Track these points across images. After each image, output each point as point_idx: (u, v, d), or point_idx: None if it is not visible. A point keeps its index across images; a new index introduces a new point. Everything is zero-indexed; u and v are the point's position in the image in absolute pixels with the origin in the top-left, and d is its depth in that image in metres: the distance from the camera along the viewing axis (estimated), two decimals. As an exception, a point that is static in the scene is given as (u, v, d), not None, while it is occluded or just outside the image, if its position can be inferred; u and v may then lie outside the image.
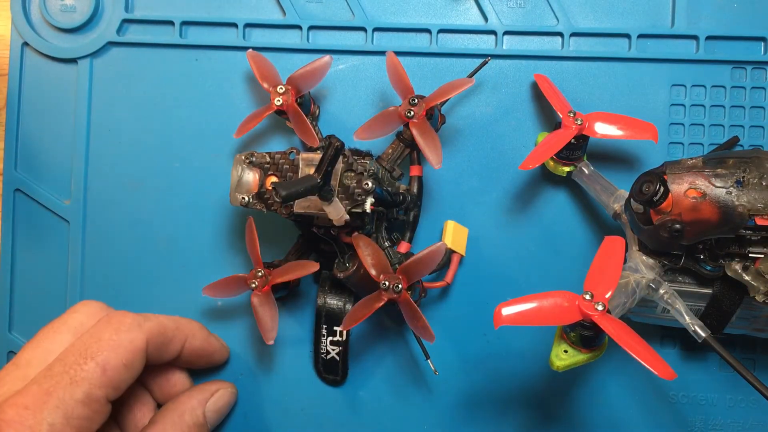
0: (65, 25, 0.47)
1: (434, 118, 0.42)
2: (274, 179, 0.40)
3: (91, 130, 0.47)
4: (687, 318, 0.37)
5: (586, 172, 0.43)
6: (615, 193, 0.42)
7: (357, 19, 0.46)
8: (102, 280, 0.47)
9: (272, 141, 0.47)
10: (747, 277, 0.36)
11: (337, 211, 0.36)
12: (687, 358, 0.45)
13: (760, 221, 0.34)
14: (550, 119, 0.46)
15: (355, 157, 0.39)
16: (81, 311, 0.39)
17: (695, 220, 0.35)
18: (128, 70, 0.47)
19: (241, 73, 0.47)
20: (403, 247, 0.43)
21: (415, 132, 0.40)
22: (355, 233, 0.39)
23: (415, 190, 0.44)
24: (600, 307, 0.34)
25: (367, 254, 0.38)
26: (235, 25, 0.47)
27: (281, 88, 0.42)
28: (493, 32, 0.46)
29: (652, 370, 0.33)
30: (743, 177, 0.35)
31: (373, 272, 0.37)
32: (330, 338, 0.44)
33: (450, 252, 0.43)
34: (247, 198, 0.40)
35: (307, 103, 0.44)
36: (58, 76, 0.47)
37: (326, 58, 0.42)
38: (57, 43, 0.47)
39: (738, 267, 0.36)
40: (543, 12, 0.46)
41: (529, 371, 0.45)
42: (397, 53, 0.43)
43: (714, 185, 0.35)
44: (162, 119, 0.47)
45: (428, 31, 0.46)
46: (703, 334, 0.36)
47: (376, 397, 0.45)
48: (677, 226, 0.35)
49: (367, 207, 0.38)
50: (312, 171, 0.34)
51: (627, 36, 0.46)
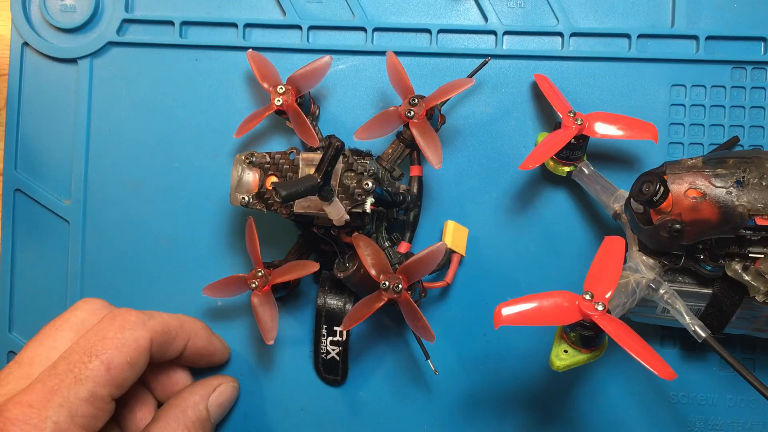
0: (65, 25, 0.47)
1: (434, 118, 0.42)
2: (274, 179, 0.40)
3: (91, 130, 0.47)
4: (687, 318, 0.37)
5: (586, 172, 0.43)
6: (615, 193, 0.42)
7: (357, 19, 0.46)
8: (102, 280, 0.47)
9: (272, 141, 0.47)
10: (747, 277, 0.36)
11: (337, 211, 0.36)
12: (687, 358, 0.45)
13: (760, 221, 0.34)
14: (550, 119, 0.46)
15: (355, 157, 0.39)
16: (83, 309, 0.39)
17: (695, 220, 0.35)
18: (128, 70, 0.47)
19: (241, 73, 0.47)
20: (403, 247, 0.43)
21: (415, 132, 0.40)
22: (355, 233, 0.39)
23: (415, 190, 0.44)
24: (600, 307, 0.34)
25: (367, 254, 0.38)
26: (235, 25, 0.47)
27: (281, 88, 0.42)
28: (493, 32, 0.46)
29: (652, 370, 0.33)
30: (743, 177, 0.35)
31: (373, 272, 0.37)
32: (330, 338, 0.44)
33: (450, 252, 0.43)
34: (247, 198, 0.40)
35: (307, 103, 0.44)
36: (58, 76, 0.47)
37: (326, 58, 0.42)
38: (57, 43, 0.47)
39: (738, 267, 0.36)
40: (543, 12, 0.46)
41: (529, 371, 0.45)
42: (397, 53, 0.43)
43: (714, 185, 0.35)
44: (162, 119, 0.47)
45: (428, 31, 0.46)
46: (703, 334, 0.36)
47: (376, 397, 0.45)
48: (677, 226, 0.35)
49: (367, 207, 0.38)
50: (312, 171, 0.34)
51: (627, 36, 0.46)
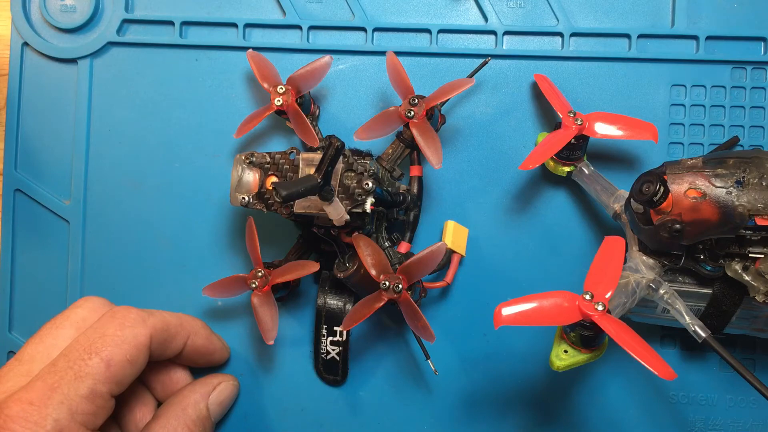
0: (65, 25, 0.47)
1: (434, 118, 0.42)
2: (274, 179, 0.40)
3: (91, 130, 0.47)
4: (687, 318, 0.37)
5: (586, 172, 0.43)
6: (615, 193, 0.42)
7: (357, 19, 0.46)
8: (102, 280, 0.47)
9: (272, 141, 0.47)
10: (747, 277, 0.36)
11: (337, 211, 0.36)
12: (687, 358, 0.45)
13: (760, 221, 0.34)
14: (550, 119, 0.46)
15: (356, 157, 0.39)
16: (83, 306, 0.39)
17: (695, 220, 0.35)
18: (128, 70, 0.47)
19: (241, 73, 0.47)
20: (403, 247, 0.43)
21: (415, 132, 0.40)
22: (355, 233, 0.39)
23: (415, 190, 0.44)
24: (600, 307, 0.34)
25: (367, 254, 0.38)
26: (235, 25, 0.47)
27: (281, 88, 0.42)
28: (493, 32, 0.46)
29: (652, 370, 0.33)
30: (743, 177, 0.35)
31: (373, 272, 0.37)
32: (330, 338, 0.44)
33: (450, 252, 0.43)
34: (247, 198, 0.40)
35: (307, 103, 0.44)
36: (58, 76, 0.47)
37: (326, 58, 0.42)
38: (57, 43, 0.47)
39: (738, 267, 0.36)
40: (543, 12, 0.46)
41: (529, 371, 0.45)
42: (397, 53, 0.43)
43: (714, 185, 0.35)
44: (162, 119, 0.47)
45: (428, 31, 0.46)
46: (703, 334, 0.36)
47: (376, 397, 0.45)
48: (677, 226, 0.35)
49: (367, 207, 0.38)
50: (312, 171, 0.34)
51: (627, 36, 0.46)
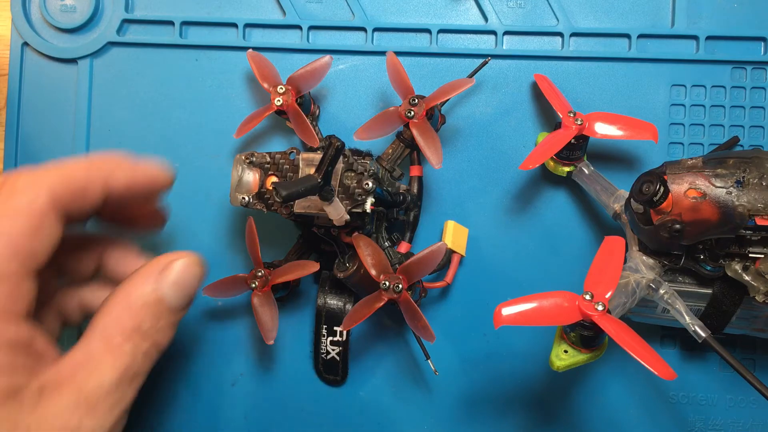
0: (65, 25, 0.47)
1: (434, 118, 0.42)
2: (274, 179, 0.40)
3: (91, 130, 0.47)
4: (687, 318, 0.37)
5: (586, 172, 0.43)
6: (615, 193, 0.42)
7: (357, 19, 0.46)
8: (102, 280, 0.47)
9: (272, 141, 0.47)
10: (747, 277, 0.36)
11: (337, 211, 0.36)
12: (687, 358, 0.45)
13: (760, 221, 0.34)
14: (550, 119, 0.46)
15: (356, 157, 0.39)
16: None
17: (695, 220, 0.35)
18: (128, 70, 0.47)
19: (241, 73, 0.47)
20: (403, 247, 0.43)
21: (415, 132, 0.40)
22: (355, 233, 0.39)
23: (415, 190, 0.44)
24: (600, 307, 0.34)
25: (367, 254, 0.38)
26: (235, 25, 0.47)
27: (281, 88, 0.42)
28: (493, 32, 0.46)
29: (652, 370, 0.33)
30: (743, 177, 0.35)
31: (373, 272, 0.37)
32: (330, 338, 0.44)
33: (450, 252, 0.43)
34: (247, 198, 0.40)
35: (307, 103, 0.44)
36: (58, 76, 0.47)
37: (326, 58, 0.42)
38: (57, 43, 0.47)
39: (738, 267, 0.36)
40: (543, 12, 0.46)
41: (529, 371, 0.45)
42: (397, 53, 0.43)
43: (714, 185, 0.35)
44: (162, 119, 0.47)
45: (428, 31, 0.46)
46: (703, 334, 0.36)
47: (376, 397, 0.45)
48: (677, 226, 0.35)
49: (368, 207, 0.38)
50: (312, 171, 0.34)
51: (627, 36, 0.46)
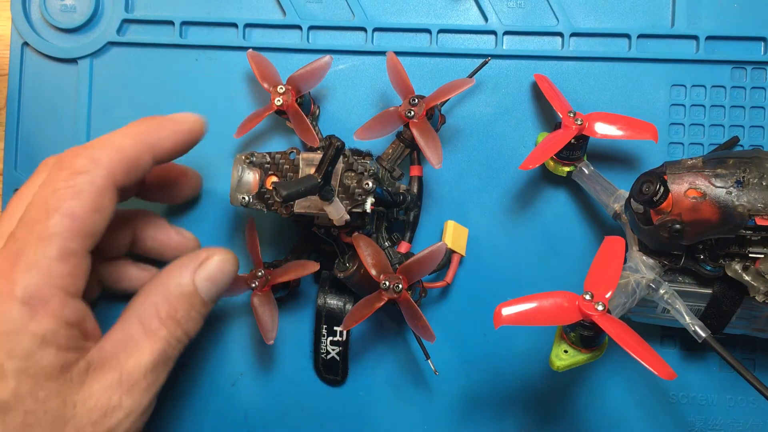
0: (65, 25, 0.47)
1: (434, 118, 0.42)
2: (274, 179, 0.40)
3: (91, 130, 0.47)
4: (687, 318, 0.37)
5: (586, 172, 0.43)
6: (615, 193, 0.42)
7: (357, 19, 0.46)
8: (102, 280, 0.47)
9: (272, 141, 0.47)
10: (747, 277, 0.36)
11: (337, 211, 0.36)
12: (687, 358, 0.45)
13: (760, 221, 0.34)
14: (550, 119, 0.46)
15: (356, 157, 0.39)
16: (42, 170, 0.35)
17: (695, 220, 0.35)
18: (128, 70, 0.47)
19: (241, 73, 0.47)
20: (403, 247, 0.43)
21: (415, 132, 0.40)
22: (355, 233, 0.39)
23: (415, 190, 0.44)
24: (600, 307, 0.34)
25: (368, 254, 0.38)
26: (235, 25, 0.47)
27: (281, 88, 0.42)
28: (493, 32, 0.46)
29: (652, 370, 0.33)
30: (743, 177, 0.35)
31: (373, 272, 0.37)
32: (330, 338, 0.44)
33: (450, 252, 0.43)
34: (247, 198, 0.40)
35: (307, 103, 0.44)
36: (58, 76, 0.47)
37: (326, 58, 0.42)
38: (57, 43, 0.47)
39: (738, 267, 0.36)
40: (543, 12, 0.46)
41: (529, 371, 0.45)
42: (397, 53, 0.43)
43: (714, 185, 0.35)
44: (162, 119, 0.47)
45: (428, 31, 0.46)
46: (703, 334, 0.36)
47: (376, 397, 0.45)
48: (677, 226, 0.35)
49: (368, 207, 0.38)
50: (312, 171, 0.34)
51: (627, 36, 0.46)
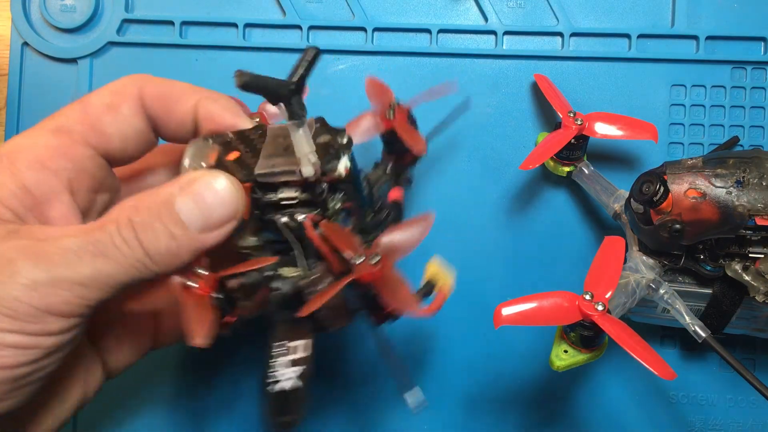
0: (65, 25, 0.47)
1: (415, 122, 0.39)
2: (235, 155, 0.31)
3: (91, 130, 0.47)
4: (687, 318, 0.37)
5: (586, 172, 0.43)
6: (615, 193, 0.42)
7: (357, 19, 0.46)
8: (102, 280, 0.47)
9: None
10: (747, 277, 0.36)
11: (308, 145, 0.29)
12: (687, 358, 0.45)
13: (760, 221, 0.34)
14: (550, 119, 0.46)
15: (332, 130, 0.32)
16: None
17: (695, 220, 0.35)
18: (128, 70, 0.46)
19: (241, 73, 0.47)
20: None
21: (396, 128, 0.36)
22: (324, 221, 0.31)
23: (395, 213, 0.37)
24: (600, 307, 0.34)
25: (337, 239, 0.30)
26: (235, 25, 0.47)
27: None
28: (493, 32, 0.46)
29: (652, 370, 0.33)
30: (743, 177, 0.35)
31: (346, 254, 0.30)
32: (286, 358, 0.32)
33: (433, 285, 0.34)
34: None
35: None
36: (58, 76, 0.47)
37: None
38: (57, 43, 0.47)
39: (738, 267, 0.36)
40: (543, 12, 0.46)
41: (529, 371, 0.45)
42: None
43: (714, 185, 0.35)
44: (162, 119, 0.47)
45: (428, 31, 0.46)
46: (703, 334, 0.36)
47: (375, 397, 0.45)
48: (677, 226, 0.35)
49: (342, 168, 0.30)
50: (282, 141, 0.30)
51: (627, 36, 0.46)
